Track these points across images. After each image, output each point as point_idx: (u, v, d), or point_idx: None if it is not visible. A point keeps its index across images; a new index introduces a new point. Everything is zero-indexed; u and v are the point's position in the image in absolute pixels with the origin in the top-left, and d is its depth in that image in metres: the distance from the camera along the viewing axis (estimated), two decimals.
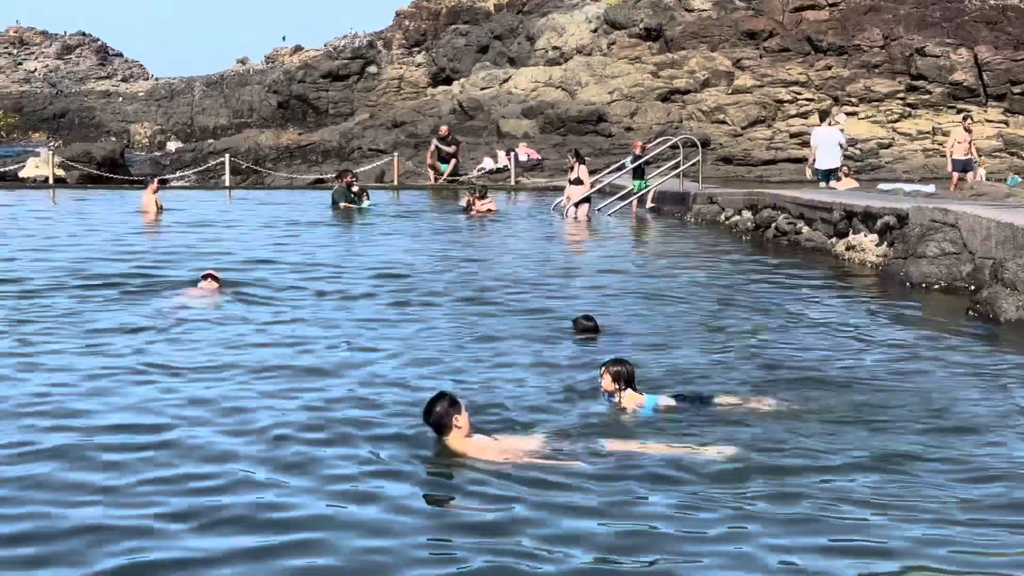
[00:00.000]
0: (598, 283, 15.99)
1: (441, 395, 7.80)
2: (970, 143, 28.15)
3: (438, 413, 7.62)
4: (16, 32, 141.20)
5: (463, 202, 26.75)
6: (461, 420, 7.60)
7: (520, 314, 13.31)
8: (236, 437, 8.02)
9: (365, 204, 26.48)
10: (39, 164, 34.18)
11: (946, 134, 40.25)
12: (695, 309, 13.88)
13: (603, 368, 9.09)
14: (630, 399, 8.91)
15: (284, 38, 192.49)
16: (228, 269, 15.71)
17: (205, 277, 14.53)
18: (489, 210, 25.84)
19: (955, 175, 27.60)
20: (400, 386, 9.60)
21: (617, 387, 8.93)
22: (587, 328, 11.83)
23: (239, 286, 14.77)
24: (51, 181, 32.89)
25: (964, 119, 30.43)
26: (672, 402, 8.96)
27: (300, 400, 9.08)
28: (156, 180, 25.70)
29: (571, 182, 26.59)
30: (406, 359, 10.70)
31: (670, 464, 7.48)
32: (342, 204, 26.34)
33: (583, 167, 26.75)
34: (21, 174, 33.99)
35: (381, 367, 10.34)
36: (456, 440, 7.59)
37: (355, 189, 26.98)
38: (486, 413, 8.65)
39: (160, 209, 24.45)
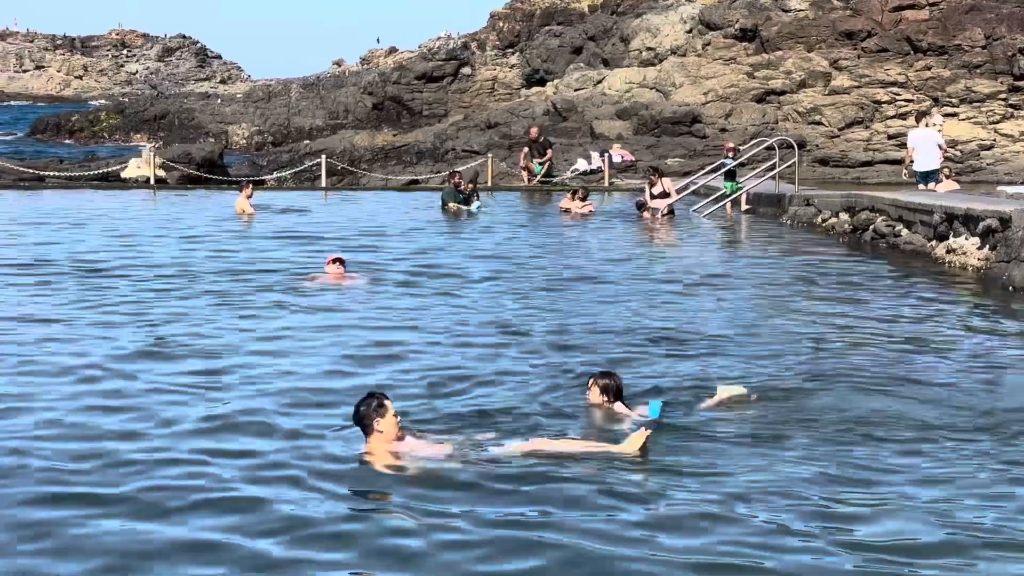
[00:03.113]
0: (686, 281, 16.12)
1: (370, 396, 7.87)
2: None
3: (362, 413, 7.75)
4: (118, 35, 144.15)
5: (562, 203, 27.10)
6: (383, 424, 7.67)
7: (584, 315, 13.53)
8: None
9: (475, 207, 26.78)
10: (140, 165, 34.78)
11: None
12: (783, 309, 13.82)
13: (591, 380, 8.91)
14: (621, 412, 8.70)
15: (379, 40, 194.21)
16: (351, 257, 17.13)
17: (332, 262, 15.93)
18: (590, 211, 26.41)
19: None
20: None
21: (604, 400, 8.72)
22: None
23: (363, 272, 16.34)
24: (152, 182, 33.51)
25: None
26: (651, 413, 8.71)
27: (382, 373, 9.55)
28: (250, 185, 26.07)
29: (653, 196, 26.63)
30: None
31: (574, 463, 7.54)
32: (451, 205, 26.76)
33: (666, 179, 27.07)
34: (123, 175, 34.62)
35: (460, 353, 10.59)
36: (377, 442, 7.68)
37: (464, 191, 27.29)
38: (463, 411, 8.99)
39: (253, 213, 24.93)
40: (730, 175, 27.98)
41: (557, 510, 6.75)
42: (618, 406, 8.73)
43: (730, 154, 28.57)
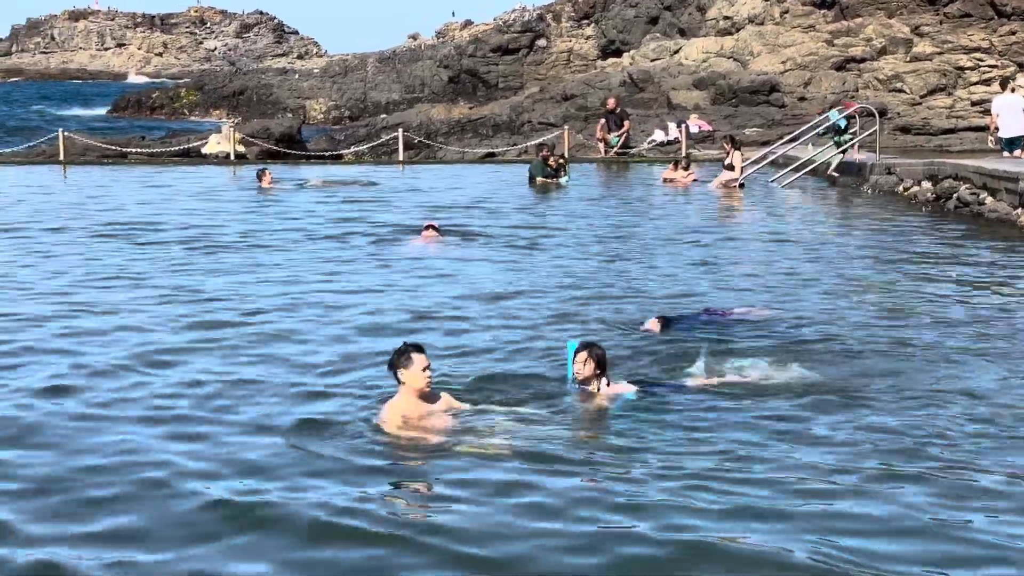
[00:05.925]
0: (751, 252, 16.08)
1: (402, 346, 7.82)
2: None
3: (391, 362, 7.76)
4: (197, 12, 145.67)
5: (664, 174, 27.56)
6: (406, 375, 7.64)
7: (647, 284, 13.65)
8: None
9: (564, 180, 26.94)
10: (220, 141, 35.20)
11: None
12: (864, 277, 13.75)
13: (584, 352, 8.52)
14: (610, 385, 8.55)
15: (454, 13, 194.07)
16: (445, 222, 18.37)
17: (427, 227, 17.14)
18: (694, 180, 27.04)
19: None
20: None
21: (597, 372, 8.48)
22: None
23: (455, 237, 17.37)
24: (232, 157, 33.90)
25: None
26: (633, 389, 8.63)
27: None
28: (267, 173, 26.23)
29: (725, 166, 26.66)
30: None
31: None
32: (539, 179, 26.90)
33: (737, 153, 26.89)
34: (204, 150, 35.06)
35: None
36: (401, 395, 7.70)
37: (553, 165, 27.44)
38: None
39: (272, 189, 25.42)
40: (839, 134, 27.39)
41: (554, 490, 6.66)
42: (605, 380, 8.58)
43: (850, 109, 27.88)
